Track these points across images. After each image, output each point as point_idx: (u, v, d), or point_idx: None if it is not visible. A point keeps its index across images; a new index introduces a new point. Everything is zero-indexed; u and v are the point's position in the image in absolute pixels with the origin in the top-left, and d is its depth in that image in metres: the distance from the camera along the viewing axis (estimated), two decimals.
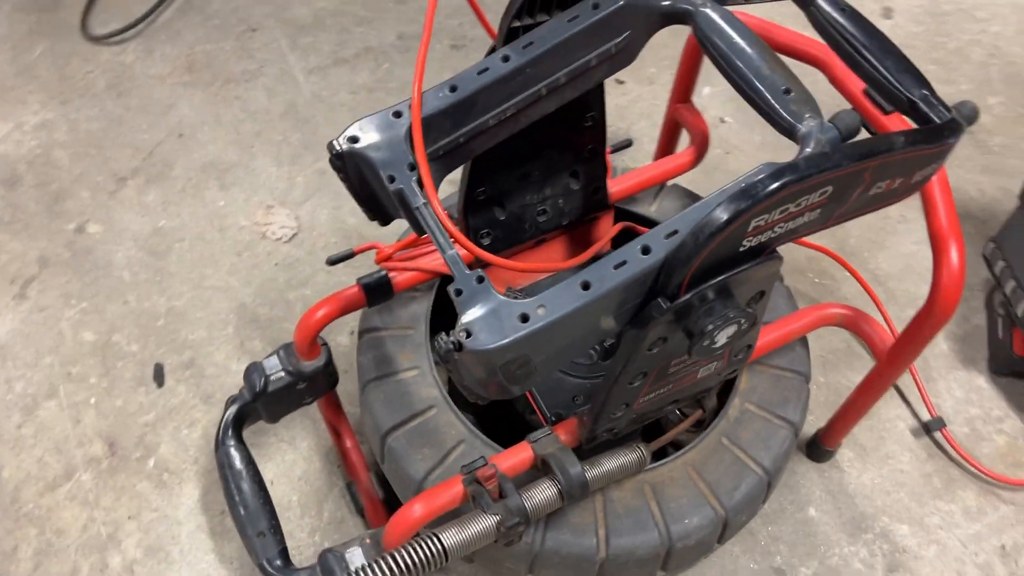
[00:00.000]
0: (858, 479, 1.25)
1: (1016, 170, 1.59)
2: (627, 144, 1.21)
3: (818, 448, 1.24)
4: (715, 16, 0.81)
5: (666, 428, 1.08)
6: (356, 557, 0.93)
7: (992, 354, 1.37)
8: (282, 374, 1.06)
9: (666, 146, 1.30)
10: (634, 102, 1.68)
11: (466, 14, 1.82)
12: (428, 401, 1.03)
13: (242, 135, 1.58)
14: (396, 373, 1.05)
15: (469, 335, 0.69)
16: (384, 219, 0.89)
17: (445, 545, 0.83)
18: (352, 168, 0.81)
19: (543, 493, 0.88)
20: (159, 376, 1.31)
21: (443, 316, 1.09)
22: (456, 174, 0.94)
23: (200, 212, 1.48)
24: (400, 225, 0.96)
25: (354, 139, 0.80)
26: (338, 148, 0.80)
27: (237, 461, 1.03)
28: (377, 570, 0.81)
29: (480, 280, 0.72)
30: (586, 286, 0.70)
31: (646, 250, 0.70)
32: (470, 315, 0.70)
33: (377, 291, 1.04)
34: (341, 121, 1.62)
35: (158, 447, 1.24)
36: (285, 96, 1.65)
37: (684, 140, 1.24)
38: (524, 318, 0.69)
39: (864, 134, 0.77)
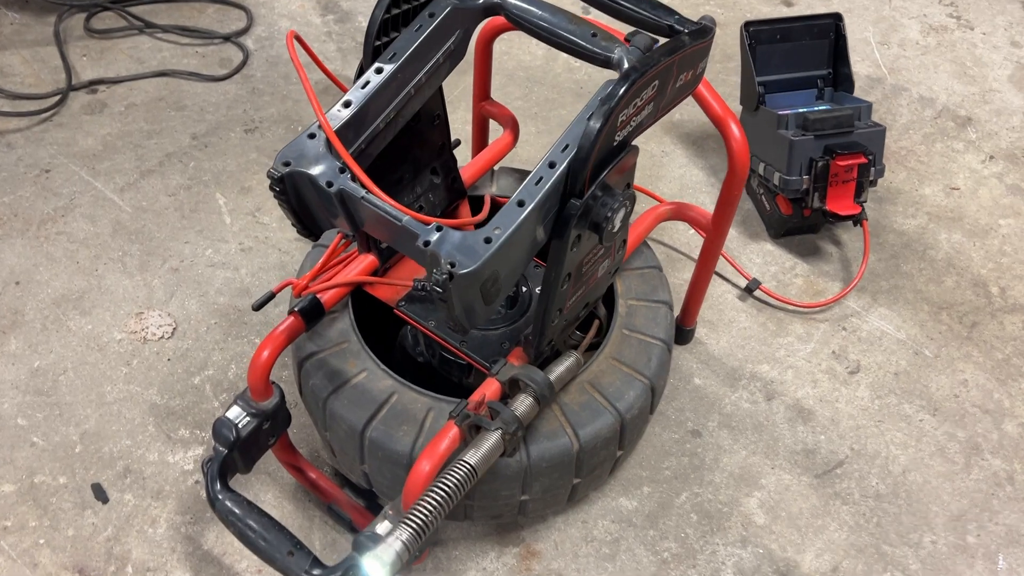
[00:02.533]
0: (718, 345, 1.55)
1: (733, 84, 2.01)
2: (457, 143, 1.44)
3: (682, 331, 1.53)
4: (519, 2, 1.06)
5: (575, 345, 1.30)
6: (385, 528, 1.05)
7: (767, 224, 1.75)
8: (248, 418, 1.15)
9: (479, 137, 1.54)
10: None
11: (247, 101, 1.97)
12: (387, 390, 1.17)
13: (81, 263, 1.61)
14: (349, 380, 1.18)
15: (454, 265, 0.87)
16: (316, 233, 1.04)
17: (472, 463, 0.99)
18: (291, 187, 0.96)
19: (523, 403, 1.07)
20: (100, 494, 1.31)
21: (364, 327, 1.24)
22: None
23: (71, 341, 1.49)
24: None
25: (287, 163, 0.95)
26: (277, 174, 0.94)
27: (237, 506, 1.10)
28: (430, 499, 0.95)
29: (439, 229, 0.90)
30: (521, 203, 0.91)
31: (552, 164, 0.93)
32: (447, 252, 0.88)
33: (311, 313, 1.17)
34: (172, 222, 1.70)
35: (129, 554, 1.25)
36: (108, 217, 1.69)
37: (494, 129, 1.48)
38: (488, 240, 0.89)
39: None
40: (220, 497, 1.11)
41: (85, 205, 1.72)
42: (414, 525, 0.93)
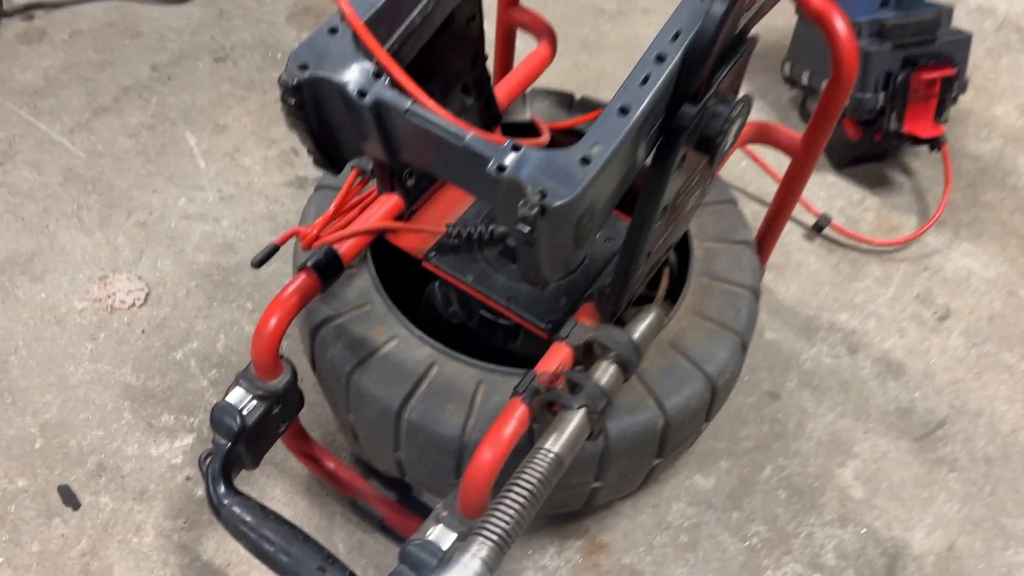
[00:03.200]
0: (788, 292, 1.34)
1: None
2: (484, 58, 1.19)
3: None
4: None
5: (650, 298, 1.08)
6: (444, 536, 0.84)
7: (829, 152, 1.53)
8: (255, 402, 0.92)
9: (505, 53, 1.29)
10: None
11: (214, 25, 1.69)
12: (426, 360, 0.94)
13: (28, 219, 1.34)
14: (377, 349, 0.95)
15: (544, 195, 0.64)
16: (339, 163, 0.80)
17: (557, 452, 0.77)
18: (310, 99, 0.72)
19: (606, 372, 0.85)
20: (70, 498, 1.07)
21: (389, 283, 1.01)
22: None
23: (21, 314, 1.23)
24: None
25: (304, 66, 0.70)
26: (293, 80, 0.70)
27: (248, 513, 0.88)
28: (512, 503, 0.73)
29: (516, 148, 0.67)
30: (624, 110, 0.68)
31: (660, 57, 0.69)
32: (534, 178, 0.65)
33: (328, 268, 0.93)
34: (135, 168, 1.43)
35: (110, 571, 1.02)
36: (56, 164, 1.42)
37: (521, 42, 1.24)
38: (585, 160, 0.66)
39: None
40: (226, 502, 0.89)
41: (28, 150, 1.44)
42: (495, 537, 0.71)
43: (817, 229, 1.41)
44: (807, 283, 1.36)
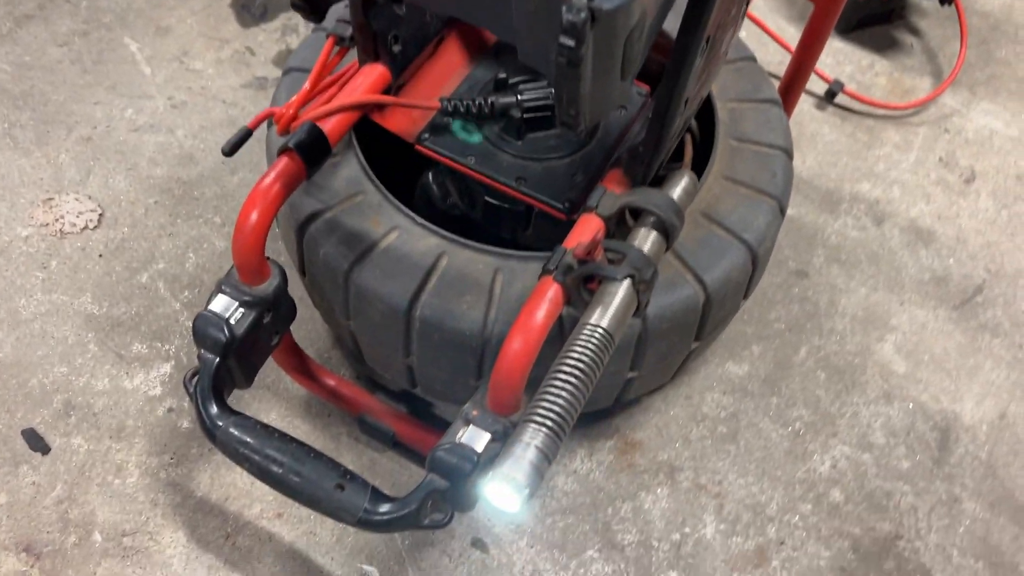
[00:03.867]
0: (804, 165, 1.24)
1: None
2: None
3: None
4: None
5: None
6: (476, 436, 0.74)
7: None
8: (242, 310, 0.80)
9: None
10: None
11: None
12: (433, 251, 0.83)
13: None
14: (377, 243, 0.83)
15: None
16: (321, 8, 0.67)
17: (605, 327, 0.67)
18: None
19: (647, 239, 0.74)
20: (36, 442, 0.95)
21: (381, 170, 0.88)
22: None
23: None
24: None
25: None
26: None
27: (249, 433, 0.77)
28: (565, 383, 0.63)
29: None
30: None
31: None
32: None
33: (313, 149, 0.80)
34: (72, 79, 1.26)
35: (93, 516, 0.91)
36: None
37: None
38: None
39: None
40: (221, 423, 0.77)
41: None
42: (550, 423, 0.61)
43: (830, 96, 1.31)
44: (824, 154, 1.26)
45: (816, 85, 1.32)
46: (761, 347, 1.07)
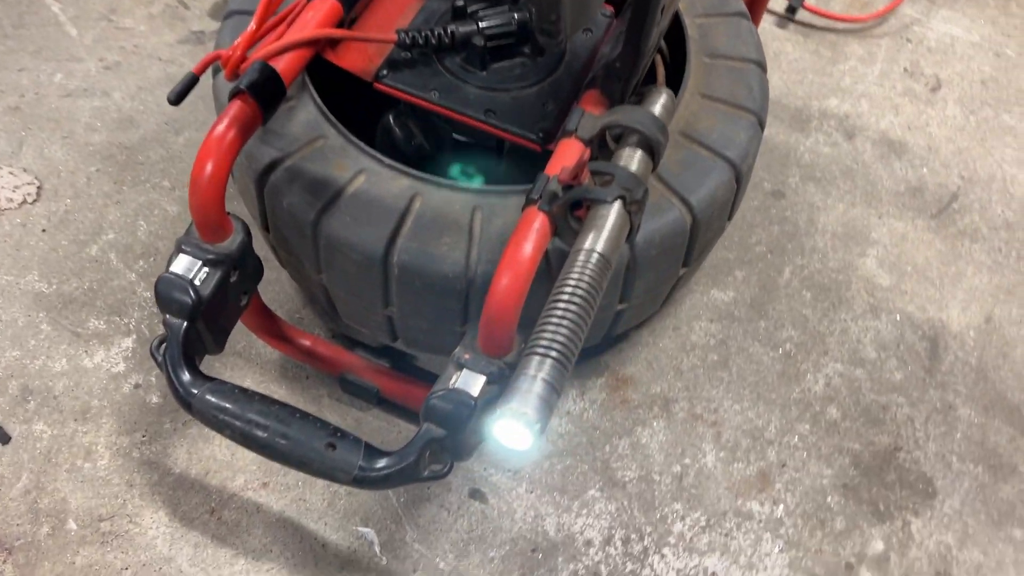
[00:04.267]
0: (770, 85, 1.21)
1: None
2: None
3: None
4: None
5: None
6: (471, 380, 0.70)
7: None
8: (207, 269, 0.74)
9: None
10: None
11: None
12: (406, 192, 0.78)
13: None
14: (344, 189, 0.78)
15: None
16: None
17: (601, 251, 0.63)
18: None
19: (632, 157, 0.70)
20: None
21: (338, 117, 0.83)
22: None
23: None
24: None
25: None
26: None
27: (226, 399, 0.72)
28: (568, 309, 0.59)
29: None
30: None
31: None
32: None
33: (267, 89, 0.74)
34: None
35: (66, 504, 0.85)
36: None
37: None
38: None
39: None
40: (195, 391, 0.72)
41: None
42: (555, 353, 0.57)
43: (790, 12, 1.28)
44: (788, 73, 1.23)
45: (776, 3, 1.29)
46: (744, 271, 1.05)
